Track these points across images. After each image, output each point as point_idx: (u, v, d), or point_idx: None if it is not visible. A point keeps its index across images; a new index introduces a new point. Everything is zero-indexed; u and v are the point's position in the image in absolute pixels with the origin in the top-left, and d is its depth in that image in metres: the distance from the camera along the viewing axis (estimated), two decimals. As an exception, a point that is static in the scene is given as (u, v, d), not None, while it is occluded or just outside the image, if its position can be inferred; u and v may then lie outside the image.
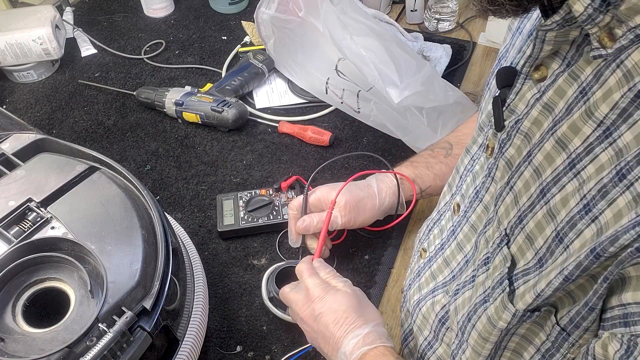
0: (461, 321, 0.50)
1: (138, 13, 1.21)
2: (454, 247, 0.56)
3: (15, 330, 0.48)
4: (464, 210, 0.55)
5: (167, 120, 0.97)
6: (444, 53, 1.04)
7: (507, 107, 0.44)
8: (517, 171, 0.43)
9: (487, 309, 0.44)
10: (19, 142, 0.63)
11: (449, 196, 0.60)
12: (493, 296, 0.44)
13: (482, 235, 0.49)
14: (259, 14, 0.96)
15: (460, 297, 0.51)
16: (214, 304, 0.72)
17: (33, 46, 1.02)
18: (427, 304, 0.59)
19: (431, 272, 0.60)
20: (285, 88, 1.02)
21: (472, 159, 0.55)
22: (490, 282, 0.45)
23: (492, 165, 0.48)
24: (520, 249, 0.42)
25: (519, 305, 0.40)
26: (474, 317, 0.47)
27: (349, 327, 0.55)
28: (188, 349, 0.56)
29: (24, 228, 0.55)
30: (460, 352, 0.51)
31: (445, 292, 0.56)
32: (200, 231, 0.80)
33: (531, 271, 0.41)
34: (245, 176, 0.88)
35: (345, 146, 0.91)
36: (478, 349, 0.48)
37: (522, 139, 0.43)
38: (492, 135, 0.47)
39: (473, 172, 0.54)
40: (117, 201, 0.57)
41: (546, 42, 0.39)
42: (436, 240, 0.60)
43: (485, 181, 0.50)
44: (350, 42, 0.82)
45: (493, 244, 0.46)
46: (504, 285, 0.42)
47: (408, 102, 0.80)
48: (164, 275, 0.52)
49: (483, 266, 0.47)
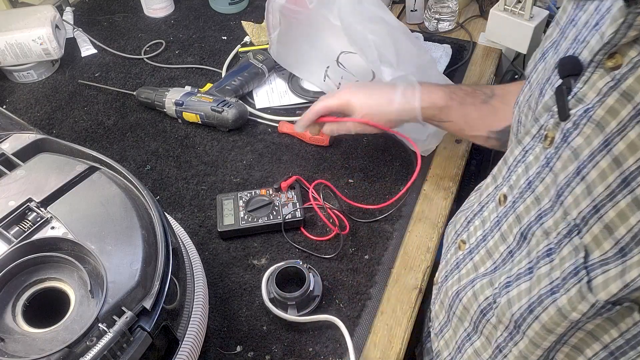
0: (518, 313, 0.49)
1: (138, 13, 1.21)
2: (497, 239, 0.56)
3: (15, 330, 0.48)
4: (512, 202, 0.54)
5: (167, 120, 0.97)
6: (444, 53, 1.04)
7: (574, 95, 0.44)
8: (591, 161, 0.42)
9: (557, 300, 0.44)
10: (19, 142, 0.63)
11: (493, 188, 0.60)
12: (565, 287, 0.43)
13: (537, 227, 0.49)
14: (271, 2, 0.96)
15: (514, 289, 0.51)
16: (214, 304, 0.72)
17: (33, 46, 1.02)
18: (467, 294, 0.59)
19: (473, 263, 0.60)
20: (285, 88, 1.02)
21: (524, 150, 0.54)
22: (558, 272, 0.45)
23: (551, 156, 0.48)
24: (596, 239, 0.41)
25: (601, 296, 0.40)
26: (538, 308, 0.46)
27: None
28: (188, 349, 0.56)
29: (24, 228, 0.55)
30: (511, 344, 0.52)
31: (488, 283, 0.56)
32: (200, 231, 0.80)
33: (610, 261, 0.40)
34: (245, 176, 0.88)
35: (345, 146, 0.91)
36: (538, 341, 0.48)
37: (593, 127, 0.42)
38: (554, 125, 0.47)
39: (526, 163, 0.53)
40: (117, 201, 0.57)
41: (633, 27, 0.38)
42: (477, 232, 0.60)
43: (540, 171, 0.50)
44: (360, 28, 0.83)
45: (558, 235, 0.45)
46: (580, 275, 0.42)
47: None
48: (164, 275, 0.52)
49: (544, 257, 0.47)
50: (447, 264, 0.66)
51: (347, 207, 0.82)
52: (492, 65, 1.06)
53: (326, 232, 0.79)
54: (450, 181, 0.86)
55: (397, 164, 0.89)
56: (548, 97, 0.50)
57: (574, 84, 0.44)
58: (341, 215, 0.80)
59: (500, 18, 1.02)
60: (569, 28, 0.51)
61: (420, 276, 0.75)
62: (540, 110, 0.51)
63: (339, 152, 0.91)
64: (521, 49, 1.04)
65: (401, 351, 0.68)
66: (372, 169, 0.88)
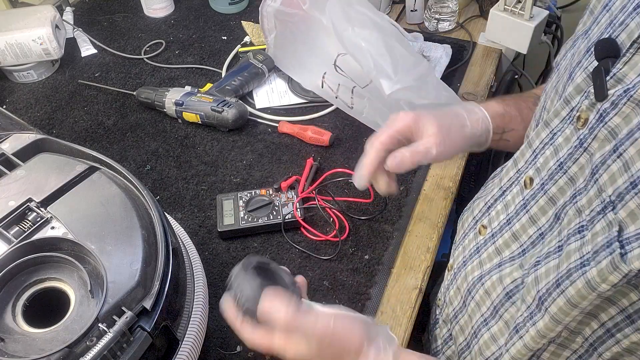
0: (544, 289, 0.49)
1: (138, 13, 1.21)
2: (525, 221, 0.56)
3: (15, 330, 0.48)
4: (540, 184, 0.54)
5: (167, 120, 0.97)
6: (444, 53, 1.04)
7: (613, 76, 0.45)
8: (629, 138, 0.43)
9: (587, 273, 0.44)
10: (19, 142, 0.63)
11: (514, 172, 0.60)
12: (596, 259, 0.44)
13: (571, 206, 0.49)
14: (264, 6, 0.96)
15: (542, 267, 0.51)
16: (214, 304, 0.72)
17: (33, 46, 1.02)
18: (492, 278, 0.59)
19: (495, 247, 0.60)
20: (285, 88, 1.02)
21: (552, 132, 0.54)
22: (590, 247, 0.45)
23: (585, 136, 0.48)
24: (632, 214, 0.42)
25: (635, 265, 0.41)
26: (566, 282, 0.47)
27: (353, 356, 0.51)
28: (188, 349, 0.56)
29: (24, 228, 0.55)
30: (529, 324, 0.51)
31: (518, 265, 0.56)
32: (200, 231, 0.80)
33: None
34: (245, 176, 0.88)
35: (345, 146, 0.91)
36: (560, 317, 0.48)
37: (633, 107, 0.43)
38: (589, 106, 0.48)
39: (554, 145, 0.53)
40: (117, 201, 0.57)
41: None
42: (500, 216, 0.60)
43: (573, 152, 0.50)
44: (351, 33, 0.82)
45: (591, 212, 0.46)
46: (613, 247, 0.42)
47: (399, 96, 0.81)
48: (164, 275, 0.52)
49: (575, 234, 0.47)
50: (465, 249, 0.65)
51: (347, 207, 0.82)
52: (492, 65, 1.06)
53: (326, 232, 0.79)
54: (450, 181, 0.86)
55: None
56: (581, 79, 0.50)
57: (612, 65, 0.45)
58: (341, 215, 0.80)
59: (500, 18, 1.02)
60: (602, 14, 0.52)
61: (420, 276, 0.75)
62: (571, 93, 0.51)
63: (339, 152, 0.91)
64: (521, 49, 1.04)
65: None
66: (372, 169, 0.88)
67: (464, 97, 0.99)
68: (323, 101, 0.98)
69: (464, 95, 0.99)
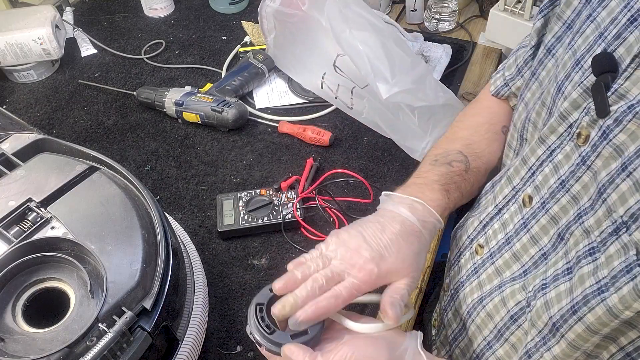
0: (558, 315, 0.48)
1: (138, 13, 1.21)
2: (526, 241, 0.54)
3: (15, 330, 0.48)
4: (541, 202, 0.53)
5: (167, 120, 0.97)
6: (444, 53, 1.04)
7: (615, 92, 0.44)
8: (638, 156, 0.41)
9: (607, 300, 0.43)
10: (19, 142, 0.63)
11: (509, 189, 0.58)
12: (615, 285, 0.42)
13: (577, 226, 0.48)
14: (264, 7, 0.96)
15: (552, 291, 0.49)
16: (214, 304, 0.72)
17: (33, 46, 1.02)
18: (493, 300, 0.57)
19: (495, 268, 0.58)
20: (285, 88, 1.02)
21: (550, 149, 0.52)
22: (606, 271, 0.43)
23: (588, 154, 0.47)
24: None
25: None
26: (583, 308, 0.45)
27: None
28: (188, 349, 0.56)
29: (24, 228, 0.55)
30: (543, 349, 0.50)
31: (521, 287, 0.54)
32: (200, 231, 0.80)
33: None
34: (245, 176, 0.88)
35: (345, 146, 0.91)
36: (579, 344, 0.46)
37: (639, 124, 0.42)
38: (590, 123, 0.46)
39: (554, 163, 0.52)
40: (117, 201, 0.57)
41: None
42: (498, 235, 0.58)
43: (575, 170, 0.49)
44: (348, 35, 0.82)
45: (602, 234, 0.44)
46: (634, 272, 0.41)
47: (397, 99, 0.81)
48: (164, 275, 0.52)
49: (587, 257, 0.46)
50: (462, 269, 0.63)
51: (347, 207, 0.82)
52: (492, 66, 1.06)
53: (326, 232, 0.78)
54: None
55: (397, 164, 0.89)
56: (577, 95, 0.49)
57: (612, 80, 0.44)
58: (341, 215, 0.80)
59: (500, 18, 1.02)
60: (584, 23, 0.50)
61: (420, 276, 0.75)
62: (568, 108, 0.50)
63: (339, 152, 0.91)
64: (521, 49, 1.04)
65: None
66: (372, 169, 0.88)
67: (463, 97, 0.99)
68: (323, 101, 0.98)
69: (464, 95, 0.99)
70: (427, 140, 0.85)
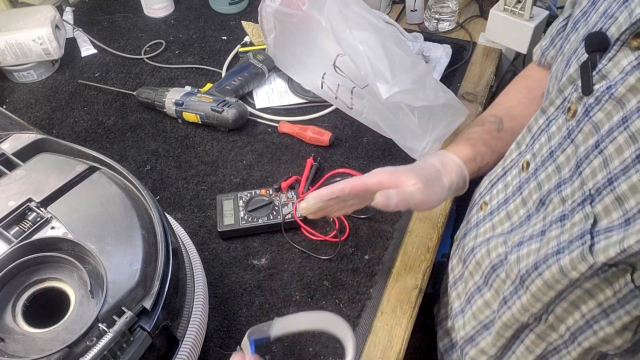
0: (524, 269, 0.53)
1: (138, 13, 1.21)
2: (519, 202, 0.59)
3: (15, 330, 0.48)
4: (534, 169, 0.57)
5: (167, 120, 0.97)
6: (444, 53, 1.04)
7: (598, 72, 0.46)
8: (609, 136, 0.44)
9: (560, 260, 0.48)
10: (19, 142, 0.63)
11: (517, 154, 0.62)
12: (569, 249, 0.47)
13: (556, 194, 0.52)
14: (264, 7, 0.96)
15: (524, 248, 0.54)
16: (214, 304, 0.72)
17: (33, 46, 1.02)
18: (481, 251, 0.62)
19: (492, 224, 0.63)
20: (285, 88, 1.02)
21: (548, 120, 0.56)
22: (567, 236, 0.48)
23: (573, 128, 0.50)
24: (607, 209, 0.44)
25: (599, 258, 0.43)
26: (543, 266, 0.50)
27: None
28: (188, 349, 0.56)
29: (24, 228, 0.55)
30: (515, 297, 0.55)
31: (503, 242, 0.59)
32: (200, 231, 0.80)
33: (614, 229, 0.43)
34: (245, 176, 0.88)
35: (345, 146, 0.91)
36: (539, 296, 0.52)
37: (614, 104, 0.44)
38: (577, 99, 0.49)
39: (549, 133, 0.55)
40: (117, 201, 0.57)
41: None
42: (499, 195, 0.63)
43: (562, 142, 0.52)
44: (348, 35, 0.82)
45: (573, 203, 0.48)
46: (584, 239, 0.45)
47: (397, 99, 0.81)
48: (164, 275, 0.52)
49: (557, 222, 0.50)
50: (468, 223, 0.69)
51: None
52: (492, 66, 1.06)
53: (326, 232, 0.79)
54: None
55: (397, 164, 0.88)
56: (573, 70, 0.52)
57: (599, 60, 0.46)
58: (341, 215, 0.80)
59: (500, 18, 1.02)
60: (600, 1, 0.52)
61: (420, 276, 0.75)
62: (564, 82, 0.53)
63: (339, 152, 0.91)
64: (521, 49, 1.04)
65: (401, 351, 0.68)
66: (372, 168, 0.87)
67: (463, 97, 0.99)
68: (323, 101, 0.98)
69: (464, 95, 0.99)
70: (427, 140, 0.85)
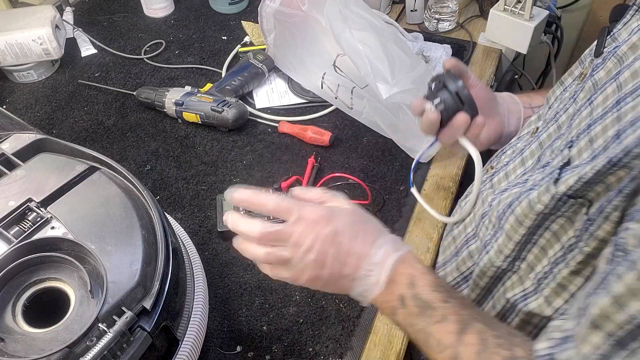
0: (502, 209, 0.55)
1: (138, 13, 1.21)
2: (517, 163, 0.61)
3: (15, 330, 0.48)
4: (539, 132, 0.59)
5: (167, 120, 0.97)
6: (444, 53, 1.04)
7: (612, 35, 0.49)
8: (602, 89, 0.47)
9: (530, 195, 0.50)
10: (19, 142, 0.63)
11: (533, 124, 0.65)
12: (540, 184, 0.49)
13: (549, 148, 0.54)
14: (264, 7, 0.96)
15: (506, 193, 0.56)
16: (214, 304, 0.72)
17: (33, 46, 1.02)
18: (477, 203, 0.66)
19: (491, 183, 0.65)
20: (285, 88, 1.02)
21: (565, 89, 0.59)
22: (541, 176, 0.51)
23: (577, 89, 0.53)
24: (580, 150, 0.46)
25: (561, 188, 0.45)
26: (515, 202, 0.52)
27: (372, 238, 0.51)
28: (188, 349, 0.56)
29: (24, 228, 0.55)
30: (493, 240, 0.57)
31: (492, 191, 0.62)
32: (200, 231, 0.80)
33: (580, 165, 0.45)
34: (245, 176, 0.88)
35: (345, 146, 0.91)
36: (511, 234, 0.53)
37: (615, 62, 0.47)
38: (589, 63, 0.52)
39: (562, 99, 0.58)
40: (117, 201, 0.57)
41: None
42: (505, 159, 0.66)
43: (566, 104, 0.55)
44: (348, 35, 0.82)
45: (557, 151, 0.51)
46: (553, 174, 0.47)
47: (397, 99, 0.81)
48: (164, 275, 0.52)
49: (541, 168, 0.53)
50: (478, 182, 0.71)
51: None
52: (492, 66, 1.06)
53: (326, 232, 0.79)
54: (450, 181, 0.86)
55: (397, 164, 0.89)
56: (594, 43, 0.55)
57: (616, 25, 0.49)
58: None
59: (500, 18, 1.02)
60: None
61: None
62: (585, 54, 0.56)
63: (339, 152, 0.91)
64: (521, 49, 1.04)
65: (401, 351, 0.68)
66: (372, 169, 0.88)
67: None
68: (323, 101, 0.98)
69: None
70: (427, 140, 0.85)
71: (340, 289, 0.53)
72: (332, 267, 0.51)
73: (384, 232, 0.53)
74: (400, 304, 0.50)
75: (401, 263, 0.51)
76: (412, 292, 0.49)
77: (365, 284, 0.51)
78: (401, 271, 0.50)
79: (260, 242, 0.52)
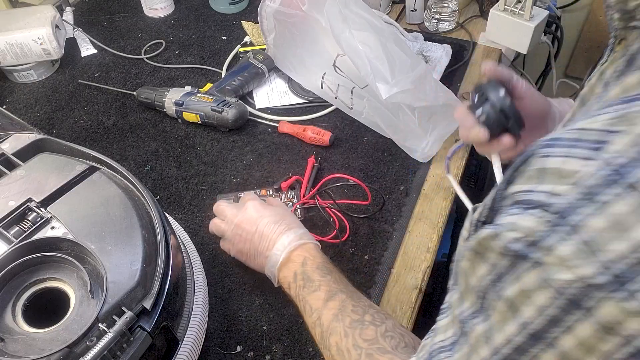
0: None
1: (138, 13, 1.21)
2: None
3: (15, 330, 0.48)
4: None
5: (167, 120, 0.97)
6: (444, 53, 1.04)
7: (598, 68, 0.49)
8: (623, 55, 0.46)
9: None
10: (19, 142, 0.63)
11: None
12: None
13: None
14: (263, 7, 0.96)
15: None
16: (214, 304, 0.72)
17: (33, 46, 1.02)
18: None
19: None
20: (285, 88, 1.02)
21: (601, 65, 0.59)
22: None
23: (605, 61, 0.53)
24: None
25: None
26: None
27: (286, 227, 0.65)
28: (188, 349, 0.56)
29: (24, 228, 0.55)
30: None
31: None
32: (200, 231, 0.80)
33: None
34: (245, 176, 0.88)
35: (345, 146, 0.91)
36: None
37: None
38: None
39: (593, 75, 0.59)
40: (117, 201, 0.57)
41: None
42: None
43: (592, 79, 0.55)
44: (348, 35, 0.82)
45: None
46: None
47: (397, 99, 0.81)
48: (164, 275, 0.52)
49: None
50: None
51: (347, 207, 0.82)
52: (492, 65, 1.06)
53: (326, 232, 0.79)
54: (450, 181, 0.86)
55: (397, 164, 0.89)
56: None
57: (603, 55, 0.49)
58: (341, 215, 0.80)
59: (500, 18, 1.02)
60: None
61: (420, 276, 0.75)
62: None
63: (339, 152, 0.91)
64: (521, 49, 1.04)
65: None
66: (372, 168, 0.88)
67: (463, 97, 0.99)
68: (323, 101, 0.98)
69: (464, 95, 0.99)
70: (427, 140, 0.85)
71: (259, 264, 0.67)
72: (251, 243, 0.66)
73: (299, 226, 0.67)
74: (293, 279, 0.62)
75: (300, 248, 0.64)
76: (302, 269, 0.62)
77: (273, 262, 0.64)
78: (298, 253, 0.63)
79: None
